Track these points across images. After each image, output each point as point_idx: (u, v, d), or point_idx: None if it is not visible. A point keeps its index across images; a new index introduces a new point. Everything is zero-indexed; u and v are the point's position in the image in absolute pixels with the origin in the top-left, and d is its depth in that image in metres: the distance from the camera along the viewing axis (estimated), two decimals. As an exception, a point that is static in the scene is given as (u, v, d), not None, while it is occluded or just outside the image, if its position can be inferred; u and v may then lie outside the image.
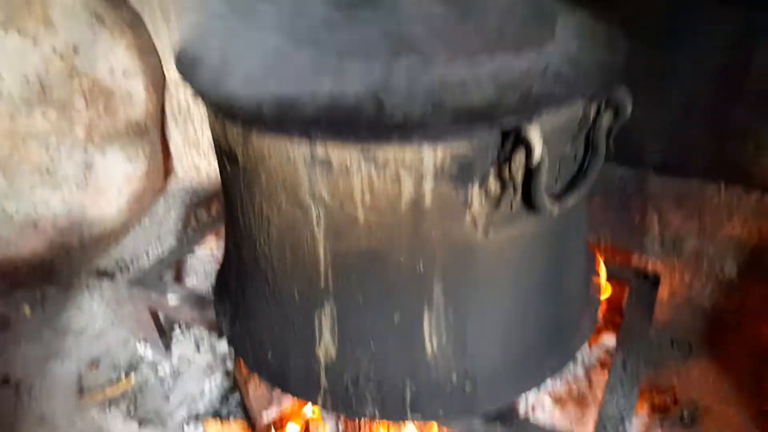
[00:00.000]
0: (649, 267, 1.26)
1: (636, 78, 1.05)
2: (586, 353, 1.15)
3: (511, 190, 0.69)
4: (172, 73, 1.78)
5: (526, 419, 0.86)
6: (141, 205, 1.82)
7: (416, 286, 0.74)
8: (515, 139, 0.64)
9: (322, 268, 0.76)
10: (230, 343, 0.96)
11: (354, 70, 0.69)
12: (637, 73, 1.06)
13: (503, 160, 0.67)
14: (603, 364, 1.21)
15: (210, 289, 1.51)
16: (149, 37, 1.72)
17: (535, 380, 0.85)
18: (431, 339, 0.77)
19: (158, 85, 1.78)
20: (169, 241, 1.74)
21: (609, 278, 1.12)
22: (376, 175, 0.67)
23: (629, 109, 0.70)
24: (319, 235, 0.73)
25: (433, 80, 0.66)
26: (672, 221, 1.20)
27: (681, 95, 1.09)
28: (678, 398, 1.13)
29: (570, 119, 0.70)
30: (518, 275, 0.79)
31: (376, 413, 0.81)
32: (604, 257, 1.16)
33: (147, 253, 1.72)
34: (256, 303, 0.88)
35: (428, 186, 0.68)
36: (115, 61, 1.64)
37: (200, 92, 0.71)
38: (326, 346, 0.81)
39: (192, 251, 1.36)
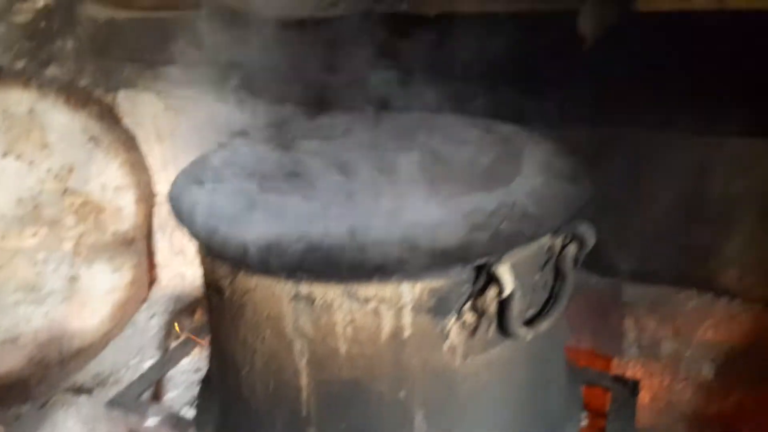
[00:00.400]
0: (630, 371, 1.28)
1: (605, 196, 1.13)
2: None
3: (486, 320, 0.73)
4: (161, 186, 1.84)
5: None
6: (123, 316, 1.81)
7: (398, 413, 0.76)
8: (487, 275, 0.69)
9: (304, 397, 0.77)
10: (212, 470, 0.94)
11: (336, 210, 0.74)
12: (606, 193, 1.14)
13: (477, 294, 0.71)
14: (590, 474, 1.20)
15: (191, 404, 1.50)
16: (141, 154, 1.80)
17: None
18: (415, 467, 0.78)
19: (148, 198, 1.84)
20: (151, 352, 1.73)
21: (589, 385, 1.13)
22: (358, 310, 0.71)
23: (592, 241, 0.76)
24: (302, 365, 0.76)
25: (409, 221, 0.71)
26: (648, 325, 1.24)
27: (647, 215, 1.17)
28: None
29: (538, 251, 0.75)
30: (499, 397, 0.81)
31: None
32: (584, 362, 1.18)
33: (127, 366, 1.69)
34: (238, 428, 0.88)
35: (407, 319, 0.71)
36: (108, 179, 1.70)
37: (193, 234, 0.75)
38: (311, 474, 0.81)
39: (172, 368, 1.35)
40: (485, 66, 1.22)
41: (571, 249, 0.77)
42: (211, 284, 0.83)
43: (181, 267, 1.97)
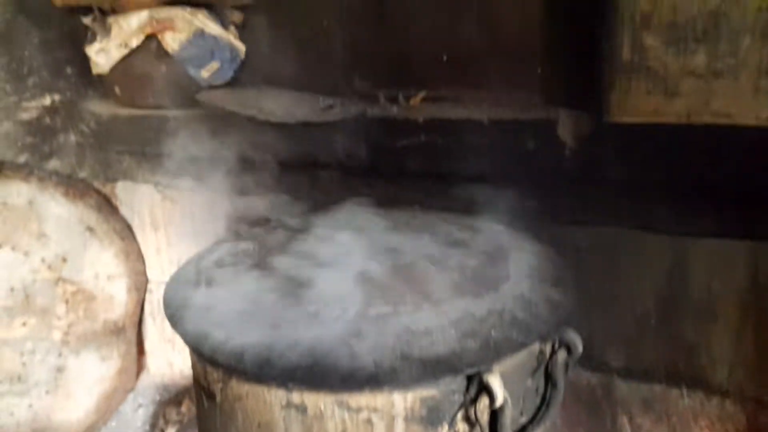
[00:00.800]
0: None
1: (591, 293, 1.16)
2: None
3: (478, 429, 0.73)
4: (154, 274, 1.86)
5: None
6: (109, 406, 1.77)
7: None
8: (479, 385, 0.70)
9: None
10: None
11: (328, 316, 0.76)
12: (591, 290, 1.17)
13: (469, 403, 0.71)
14: None
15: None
16: (136, 243, 1.82)
17: None
18: None
19: (140, 286, 1.84)
20: (136, 446, 1.67)
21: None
22: (349, 420, 0.71)
23: (580, 348, 0.77)
24: None
25: (401, 329, 0.73)
26: (642, 424, 1.23)
27: (633, 311, 1.19)
28: None
29: (528, 358, 0.76)
30: None
31: None
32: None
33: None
34: None
35: (399, 429, 0.71)
36: (102, 267, 1.71)
37: (186, 339, 0.76)
38: None
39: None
40: (473, 167, 1.28)
41: (561, 356, 0.79)
42: (203, 388, 0.82)
43: (169, 355, 1.94)
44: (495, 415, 0.71)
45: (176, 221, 1.82)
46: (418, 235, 1.03)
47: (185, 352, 1.97)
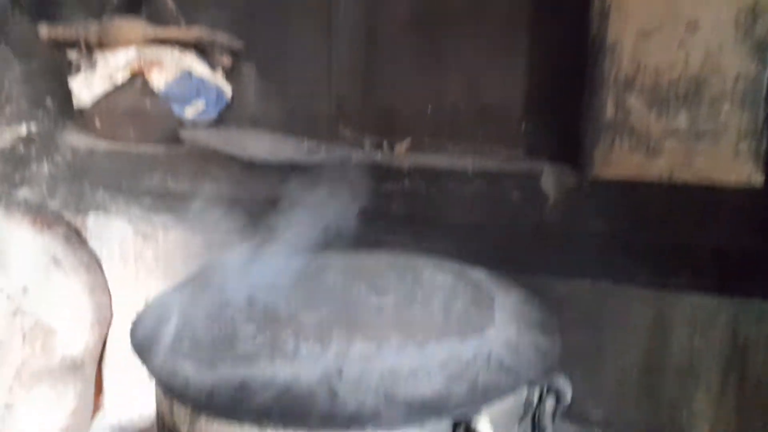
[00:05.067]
0: None
1: (572, 346, 1.14)
2: None
3: (462, 478, 0.69)
4: (120, 309, 1.78)
5: None
6: (59, 451, 1.65)
7: None
8: (465, 430, 0.67)
9: None
10: None
11: (308, 354, 0.72)
12: (572, 342, 1.16)
13: (455, 450, 0.68)
14: None
15: None
16: (103, 276, 1.75)
17: None
18: None
19: (104, 322, 1.76)
20: (85, 496, 1.55)
21: None
22: (327, 464, 0.66)
23: (569, 395, 0.75)
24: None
25: (385, 368, 0.70)
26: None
27: (614, 365, 1.18)
28: None
29: (515, 404, 0.74)
30: None
31: None
32: None
33: None
34: None
35: (381, 476, 0.67)
36: (64, 300, 1.64)
37: (152, 372, 0.72)
38: None
39: None
40: (456, 214, 1.28)
41: (549, 402, 0.76)
42: (167, 427, 0.77)
43: (130, 394, 1.84)
44: (481, 463, 0.68)
45: (147, 256, 1.77)
46: (400, 277, 1.01)
47: (146, 391, 1.89)
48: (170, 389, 0.71)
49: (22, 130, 1.71)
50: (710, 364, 1.13)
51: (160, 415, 0.80)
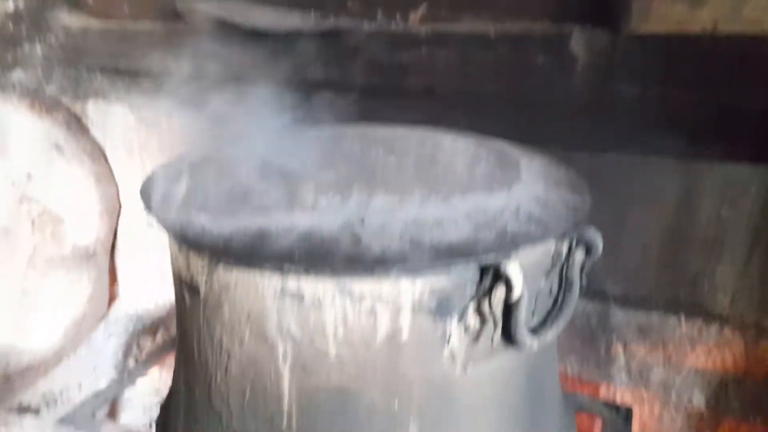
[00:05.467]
0: (618, 399, 1.23)
1: (595, 221, 1.10)
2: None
3: (490, 324, 0.67)
4: (128, 199, 1.76)
5: None
6: (79, 333, 1.68)
7: (390, 426, 0.68)
8: (494, 276, 0.64)
9: (285, 407, 0.69)
10: (173, 497, 0.84)
11: (330, 206, 0.68)
12: (597, 218, 1.12)
13: (482, 295, 0.65)
14: None
15: (149, 426, 1.38)
16: (108, 166, 1.71)
17: None
18: (407, 485, 0.70)
19: (113, 212, 1.74)
20: (107, 372, 1.60)
21: (581, 411, 1.08)
22: (351, 309, 0.64)
23: (600, 247, 0.72)
24: (285, 371, 0.68)
25: (409, 217, 0.66)
26: (637, 352, 1.20)
27: (636, 239, 1.15)
28: None
29: (544, 255, 0.70)
30: (497, 412, 0.74)
31: None
32: (572, 389, 1.13)
33: (80, 385, 1.56)
34: (207, 448, 0.79)
35: (405, 320, 0.65)
36: (70, 189, 1.61)
37: (167, 224, 0.68)
38: (287, 499, 0.72)
39: (132, 384, 1.24)
40: (477, 83, 1.21)
41: (578, 255, 0.73)
42: (185, 282, 0.75)
43: (144, 284, 1.86)
44: (509, 309, 0.65)
45: (151, 145, 1.71)
46: (421, 142, 0.96)
47: (159, 281, 1.90)
48: (185, 239, 0.68)
49: (9, 5, 1.60)
50: (737, 235, 1.09)
51: (176, 272, 0.78)
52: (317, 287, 0.63)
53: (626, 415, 1.07)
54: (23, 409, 1.48)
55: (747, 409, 1.14)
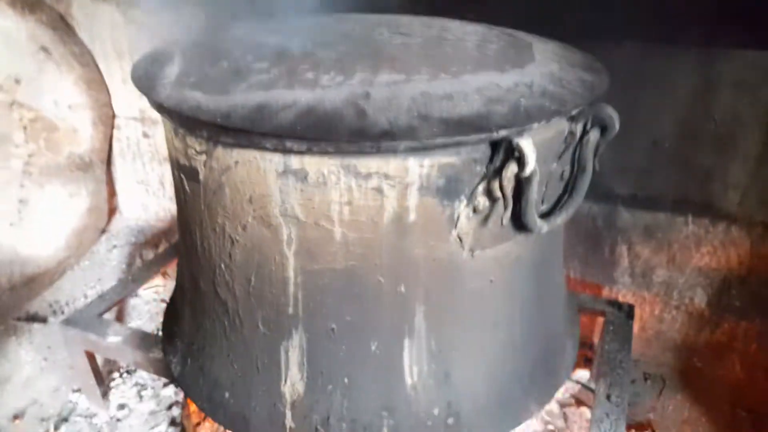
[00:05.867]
0: (621, 300, 1.23)
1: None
2: (560, 389, 1.10)
3: (500, 205, 0.65)
4: (121, 108, 1.70)
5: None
6: (81, 244, 1.68)
7: (397, 310, 0.68)
8: (506, 152, 0.61)
9: (291, 291, 0.69)
10: (181, 384, 0.85)
11: (332, 82, 0.64)
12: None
13: (493, 174, 0.63)
14: (578, 400, 1.16)
15: (157, 330, 1.40)
16: (99, 71, 1.64)
17: (522, 414, 0.79)
18: (412, 369, 0.70)
19: (106, 120, 1.69)
20: (111, 283, 1.61)
21: (583, 309, 1.08)
22: (357, 188, 0.62)
23: (617, 125, 0.68)
24: (289, 254, 0.67)
25: (417, 92, 0.62)
26: (641, 253, 1.19)
27: (647, 137, 1.11)
28: (657, 434, 1.09)
29: (557, 135, 0.67)
30: (504, 299, 0.74)
31: (350, 457, 0.72)
32: (574, 291, 1.13)
33: (85, 296, 1.57)
34: (212, 337, 0.79)
35: (413, 200, 0.63)
36: (61, 95, 1.55)
37: (161, 104, 0.64)
38: (293, 382, 0.73)
39: (136, 291, 1.25)
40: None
41: (593, 136, 0.70)
42: (183, 168, 0.72)
43: (144, 197, 1.84)
44: (520, 187, 0.63)
45: (143, 49, 1.63)
46: (427, 25, 0.90)
47: (159, 194, 1.87)
48: (181, 117, 0.65)
49: None
50: (753, 130, 1.05)
51: (173, 159, 0.75)
52: (321, 165, 0.61)
53: (629, 311, 1.08)
54: (31, 318, 1.50)
55: (748, 309, 1.14)
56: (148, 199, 1.84)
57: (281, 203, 0.64)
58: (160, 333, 0.98)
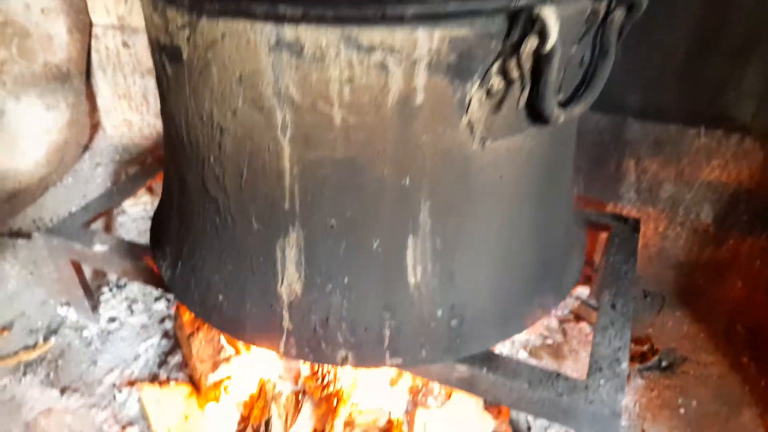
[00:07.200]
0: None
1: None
2: (559, 305, 1.09)
3: (516, 87, 0.59)
4: (99, 16, 1.59)
5: (513, 359, 0.76)
6: (62, 160, 1.61)
7: (401, 204, 0.63)
8: (526, 23, 0.54)
9: (287, 184, 0.63)
10: (172, 288, 0.81)
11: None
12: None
13: (510, 51, 0.56)
14: (577, 316, 1.15)
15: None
16: (71, -33, 1.52)
17: (527, 319, 0.76)
18: (415, 268, 0.67)
19: (83, 28, 1.58)
20: (97, 199, 1.55)
21: (588, 224, 1.05)
22: (359, 64, 0.55)
23: (644, 2, 0.62)
24: (284, 142, 0.61)
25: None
26: (649, 167, 1.15)
27: (660, 44, 1.04)
28: (656, 349, 1.08)
29: (579, 13, 0.60)
30: (513, 198, 0.69)
31: (349, 358, 0.69)
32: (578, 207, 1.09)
33: (69, 213, 1.52)
34: (203, 238, 0.75)
35: (421, 79, 0.56)
36: (32, -2, 1.43)
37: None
38: (290, 282, 0.69)
39: (121, 203, 1.19)
40: None
41: (618, 15, 0.63)
42: (164, 48, 0.65)
43: (126, 113, 1.75)
44: (539, 66, 0.57)
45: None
46: None
47: (142, 110, 1.78)
48: (159, -16, 0.57)
49: None
50: (771, 35, 0.99)
51: (153, 39, 0.68)
52: (318, 37, 0.54)
53: (634, 225, 1.05)
54: (14, 234, 1.45)
55: (755, 223, 1.11)
56: (131, 115, 1.76)
57: (274, 82, 0.58)
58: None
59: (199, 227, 0.75)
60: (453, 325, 0.70)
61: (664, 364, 1.06)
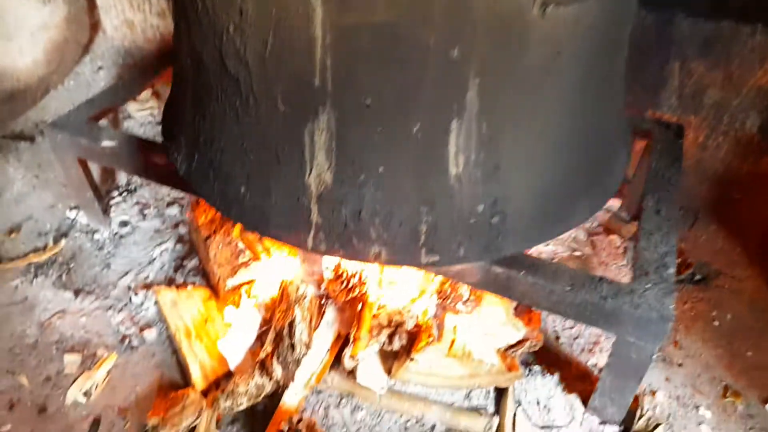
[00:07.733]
0: (665, 122, 1.13)
1: None
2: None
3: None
4: None
5: (552, 262, 0.72)
6: (62, 59, 1.52)
7: (447, 81, 0.56)
8: None
9: (318, 56, 0.56)
10: (188, 182, 0.76)
11: None
12: None
13: None
14: (607, 229, 1.10)
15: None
16: None
17: (572, 219, 0.71)
18: (457, 157, 0.60)
19: None
20: (101, 102, 1.48)
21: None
22: None
23: None
24: (316, 3, 0.53)
25: None
26: (695, 70, 1.06)
27: None
28: (690, 263, 1.04)
29: None
30: (569, 80, 0.62)
31: (383, 255, 0.65)
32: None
33: (74, 106, 1.45)
34: (221, 125, 0.68)
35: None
36: None
37: None
38: (320, 172, 0.63)
39: (128, 99, 1.11)
40: None
41: None
42: None
43: (128, 12, 1.64)
44: None
45: None
46: None
47: (145, 9, 1.66)
48: None
49: None
50: None
51: None
52: None
53: (677, 130, 0.98)
54: (17, 136, 1.38)
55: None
56: (132, 14, 1.64)
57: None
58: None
59: (218, 113, 0.68)
60: (494, 222, 0.65)
61: (697, 277, 1.02)
